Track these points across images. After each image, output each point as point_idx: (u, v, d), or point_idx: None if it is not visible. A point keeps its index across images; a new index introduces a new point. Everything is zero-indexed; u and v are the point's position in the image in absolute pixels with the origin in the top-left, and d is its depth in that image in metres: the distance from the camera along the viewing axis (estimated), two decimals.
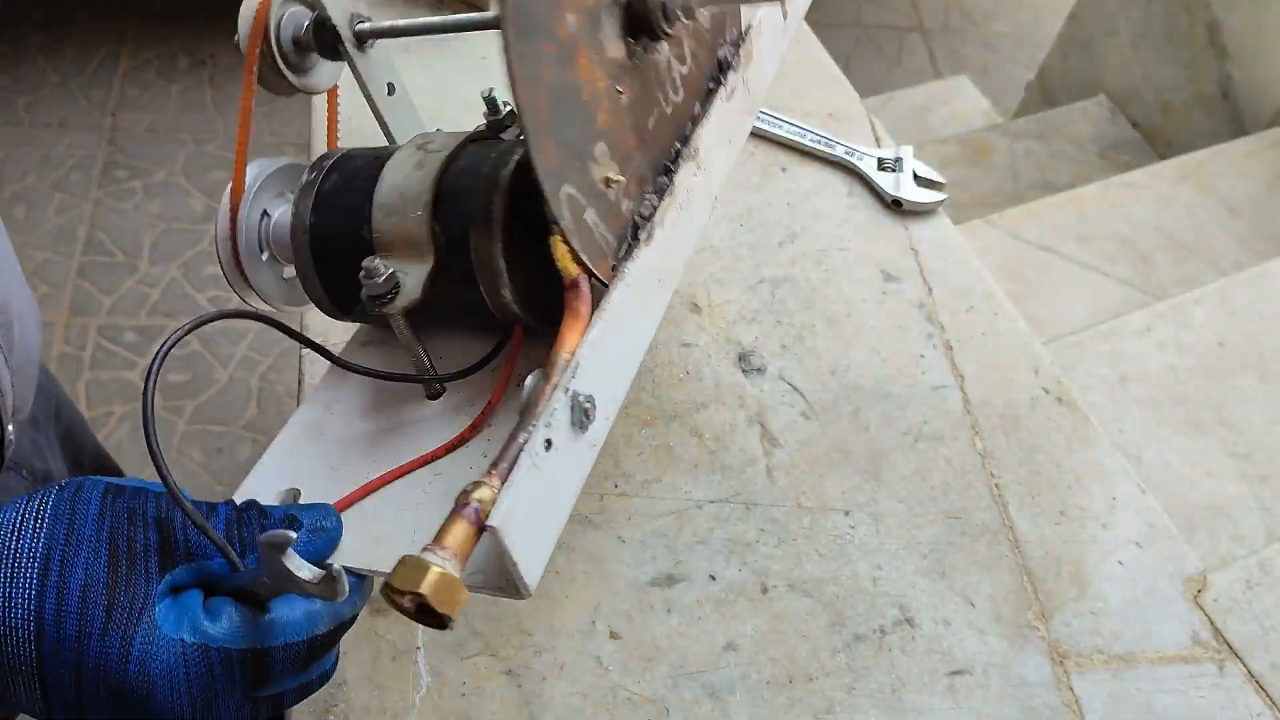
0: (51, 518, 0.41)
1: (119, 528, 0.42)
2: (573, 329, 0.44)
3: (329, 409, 0.53)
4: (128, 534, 0.42)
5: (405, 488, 0.49)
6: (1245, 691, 0.70)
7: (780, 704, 0.65)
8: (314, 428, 0.52)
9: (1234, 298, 1.39)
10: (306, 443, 0.51)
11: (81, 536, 0.41)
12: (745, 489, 0.74)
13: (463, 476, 0.48)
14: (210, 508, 0.44)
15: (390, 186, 0.48)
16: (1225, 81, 1.80)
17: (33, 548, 0.40)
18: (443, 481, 0.49)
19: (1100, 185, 1.65)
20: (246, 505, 0.45)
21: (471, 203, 0.47)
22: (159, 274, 1.97)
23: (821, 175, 0.95)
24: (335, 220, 0.50)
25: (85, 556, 0.41)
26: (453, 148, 0.49)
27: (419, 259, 0.48)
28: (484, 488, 0.39)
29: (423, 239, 0.47)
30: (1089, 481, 0.79)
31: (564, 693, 0.63)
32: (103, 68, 2.31)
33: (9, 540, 0.40)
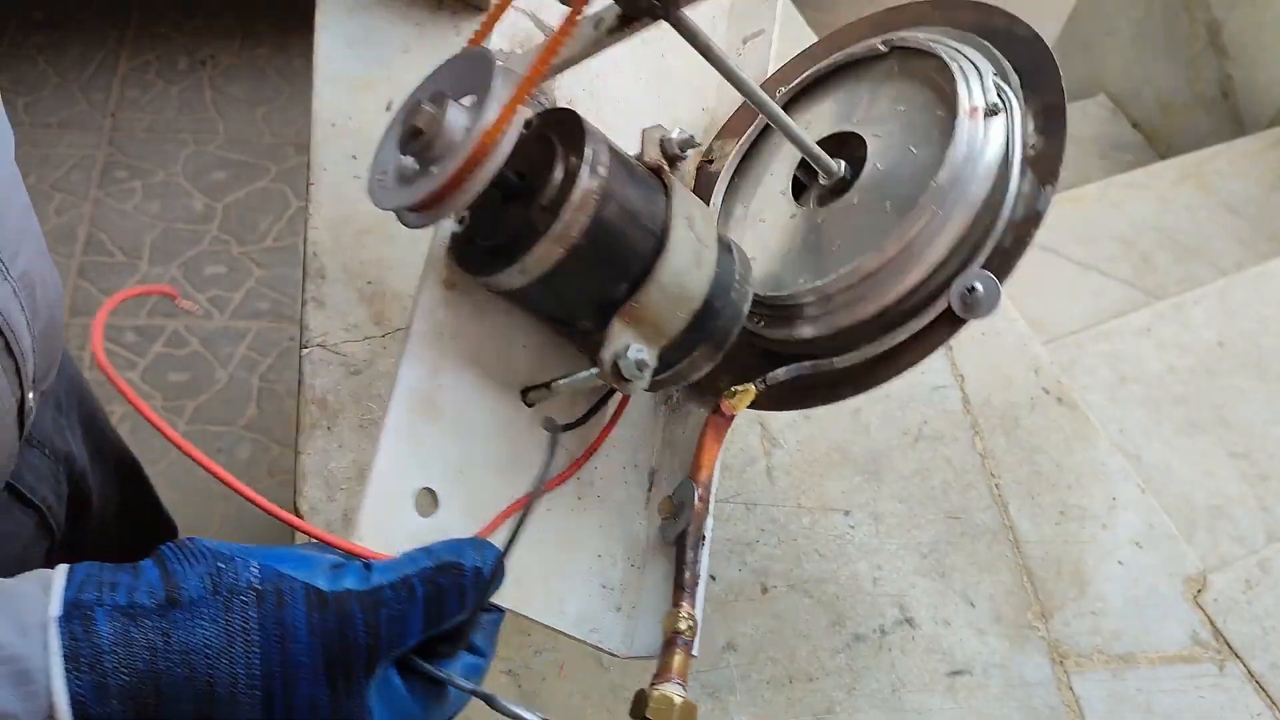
0: (261, 639, 0.39)
1: (331, 646, 0.40)
2: (713, 453, 0.54)
3: (435, 377, 0.50)
4: (340, 652, 0.40)
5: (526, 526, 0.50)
6: (1245, 691, 0.70)
7: (780, 704, 0.65)
8: (427, 402, 0.49)
9: (1234, 298, 1.39)
10: (423, 422, 0.49)
11: (298, 661, 0.40)
12: (745, 489, 0.74)
13: (565, 514, 0.54)
14: (409, 589, 0.42)
15: (673, 274, 0.49)
16: (1225, 81, 1.80)
17: (249, 673, 0.39)
18: (551, 518, 0.53)
19: (1100, 185, 1.65)
20: (439, 590, 0.43)
21: (717, 325, 0.51)
22: (159, 274, 1.97)
23: None
24: (600, 256, 0.48)
25: (305, 683, 0.40)
26: (715, 246, 0.51)
27: (652, 341, 0.49)
28: (682, 619, 0.49)
29: (671, 334, 0.50)
30: (1089, 481, 0.79)
31: (564, 693, 0.63)
32: (103, 68, 2.30)
33: (220, 662, 0.39)
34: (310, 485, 0.68)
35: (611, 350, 0.48)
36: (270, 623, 0.40)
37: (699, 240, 0.50)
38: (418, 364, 0.49)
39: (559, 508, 0.53)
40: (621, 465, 0.57)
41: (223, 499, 1.69)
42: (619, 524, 0.56)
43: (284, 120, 2.26)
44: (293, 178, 2.15)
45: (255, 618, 0.39)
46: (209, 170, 2.14)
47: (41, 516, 0.73)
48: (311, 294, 0.78)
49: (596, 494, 0.55)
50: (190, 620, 0.39)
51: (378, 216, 0.82)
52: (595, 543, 0.54)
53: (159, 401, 1.79)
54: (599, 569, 0.54)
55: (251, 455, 1.75)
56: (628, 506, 0.57)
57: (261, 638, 0.39)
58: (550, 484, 0.53)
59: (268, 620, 0.40)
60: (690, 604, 0.51)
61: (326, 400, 0.72)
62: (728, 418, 0.55)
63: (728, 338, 0.52)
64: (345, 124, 0.88)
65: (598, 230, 0.47)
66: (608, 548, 0.55)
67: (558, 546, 0.52)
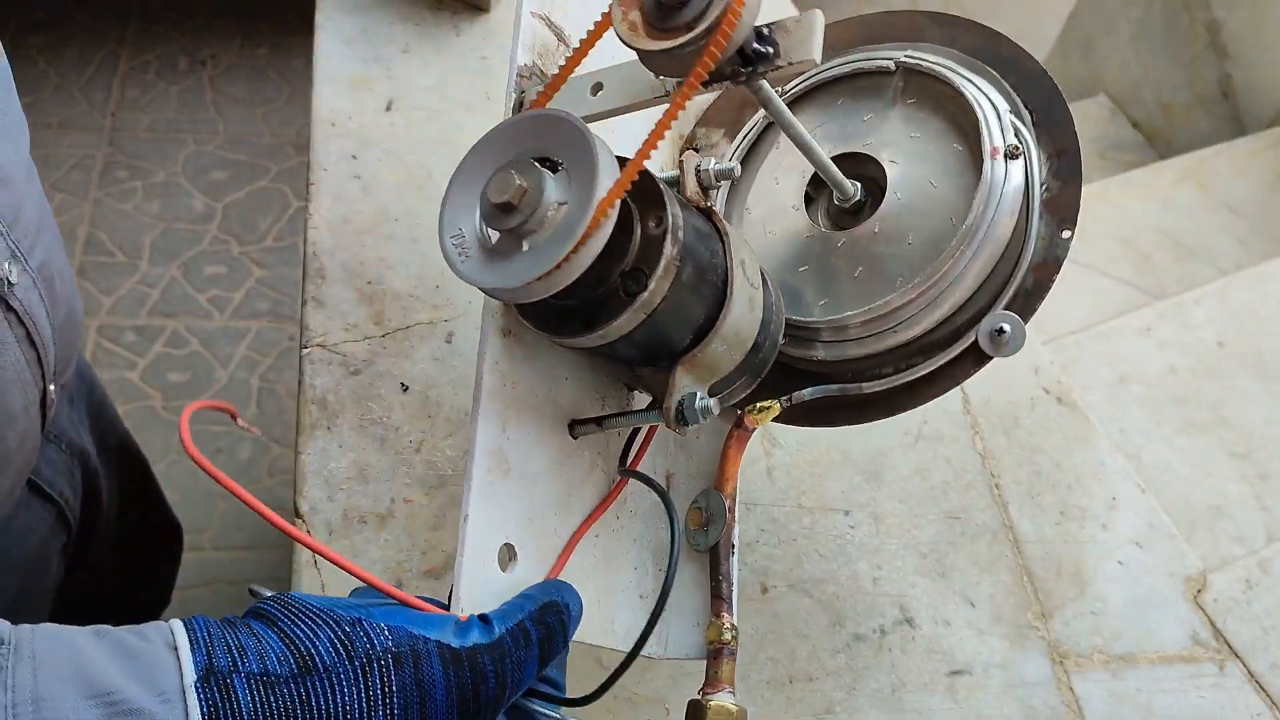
0: (401, 702, 0.40)
1: (467, 700, 0.41)
2: (735, 464, 0.56)
3: (504, 431, 0.50)
4: (475, 705, 0.41)
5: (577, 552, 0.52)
6: (1245, 691, 0.70)
7: (780, 704, 0.65)
8: (499, 459, 0.50)
9: (1234, 298, 1.39)
10: (499, 479, 0.49)
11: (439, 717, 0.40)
12: (745, 489, 0.74)
13: (609, 535, 0.55)
14: (525, 635, 0.43)
15: (733, 324, 0.50)
16: (1225, 81, 1.80)
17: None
18: (597, 543, 0.54)
19: (1100, 185, 1.65)
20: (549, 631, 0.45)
21: (759, 358, 0.53)
22: (159, 274, 1.97)
23: None
24: (674, 317, 0.48)
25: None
26: (762, 291, 0.52)
27: (704, 380, 0.51)
28: (725, 630, 0.52)
29: (724, 373, 0.52)
30: (1089, 481, 0.79)
31: None
32: (103, 68, 2.30)
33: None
34: (310, 485, 0.68)
35: (676, 399, 0.49)
36: (409, 686, 0.40)
37: (751, 284, 0.51)
38: (492, 421, 0.49)
39: (603, 532, 0.55)
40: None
41: (223, 499, 1.69)
42: (648, 534, 0.58)
43: (284, 120, 2.26)
44: (293, 178, 2.15)
45: (394, 682, 0.39)
46: (209, 170, 2.15)
47: (60, 511, 0.73)
48: (311, 294, 0.78)
49: (630, 509, 0.57)
50: (328, 688, 0.39)
51: (377, 216, 0.82)
52: (632, 556, 0.56)
53: (158, 401, 1.79)
54: (636, 580, 0.56)
55: (251, 455, 1.75)
56: (653, 515, 0.58)
57: (401, 701, 0.39)
58: (597, 512, 0.54)
59: (406, 683, 0.40)
60: (729, 613, 0.53)
61: (326, 400, 0.72)
62: (749, 430, 0.57)
63: (766, 368, 0.54)
64: (345, 124, 0.88)
65: (676, 294, 0.47)
66: (641, 559, 0.57)
67: (604, 569, 0.54)
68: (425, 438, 0.71)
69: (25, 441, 0.60)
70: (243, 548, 1.64)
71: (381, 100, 0.90)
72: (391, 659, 0.40)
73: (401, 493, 0.68)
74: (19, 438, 0.59)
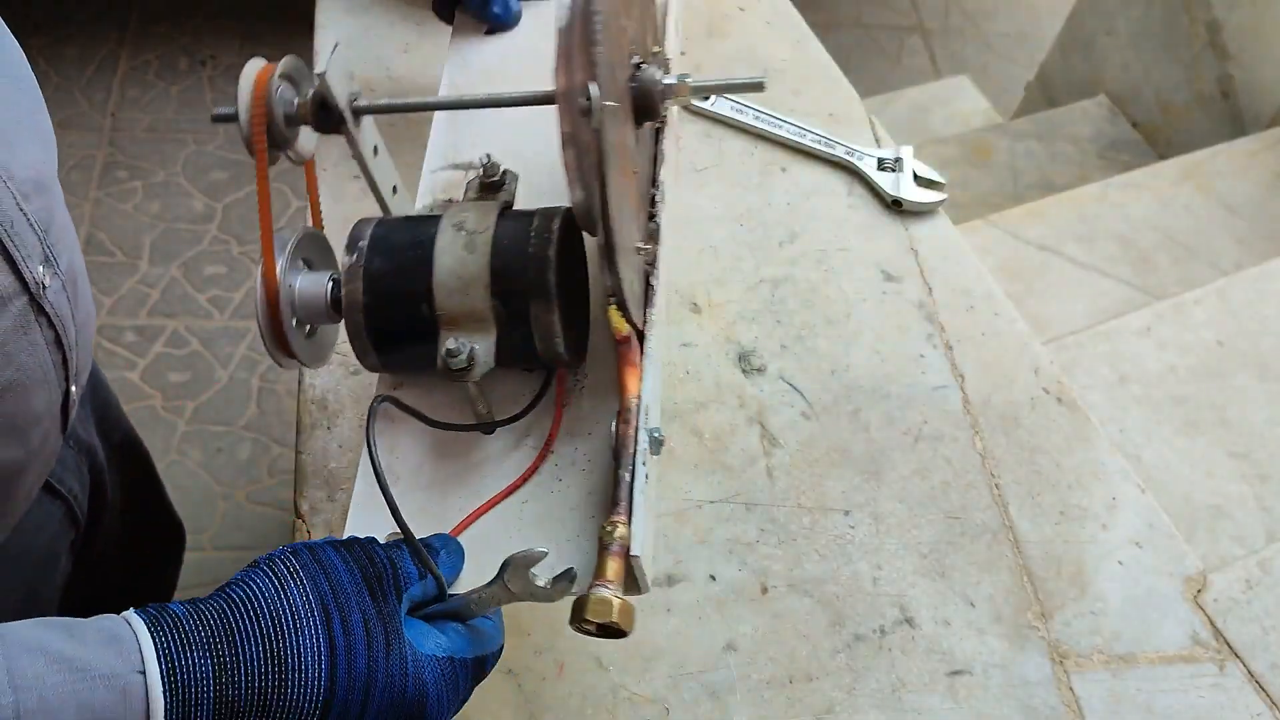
0: (308, 574, 0.48)
1: (367, 571, 0.49)
2: (632, 376, 0.57)
3: (392, 454, 0.60)
4: (375, 575, 0.49)
5: (499, 517, 0.58)
6: (1245, 691, 0.70)
7: (780, 704, 0.65)
8: (386, 474, 0.56)
9: (1234, 298, 1.39)
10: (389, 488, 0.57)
11: (343, 583, 0.48)
12: (745, 489, 0.74)
13: (545, 500, 0.58)
14: (397, 546, 0.52)
15: (447, 270, 0.55)
16: (1225, 81, 1.80)
17: (305, 601, 0.47)
18: (531, 507, 0.58)
19: (1100, 185, 1.65)
20: (422, 544, 0.52)
21: (528, 279, 0.55)
22: (159, 274, 1.97)
23: (821, 175, 0.95)
24: (389, 300, 0.56)
25: (355, 596, 0.48)
26: (491, 227, 0.57)
27: (483, 331, 0.56)
28: (619, 527, 0.52)
29: (486, 314, 0.56)
30: (1089, 481, 0.79)
31: (564, 693, 0.63)
32: (103, 68, 2.30)
33: (278, 600, 0.46)
34: (310, 485, 0.68)
35: (439, 355, 0.55)
36: (310, 564, 0.48)
37: (469, 233, 0.56)
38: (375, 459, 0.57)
39: (536, 497, 0.59)
40: (605, 438, 0.61)
41: (222, 499, 1.69)
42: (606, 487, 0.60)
43: None
44: (293, 178, 2.14)
45: (296, 564, 0.48)
46: (209, 170, 2.15)
47: (69, 507, 0.74)
48: None
49: (579, 469, 0.60)
50: (243, 581, 0.47)
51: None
52: (584, 509, 0.58)
53: (158, 401, 1.79)
54: (593, 528, 0.57)
55: (251, 455, 1.75)
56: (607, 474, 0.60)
57: (307, 574, 0.47)
58: (522, 479, 0.59)
59: (307, 563, 0.48)
60: (625, 512, 0.54)
61: (326, 400, 0.72)
62: (622, 340, 0.59)
63: (547, 285, 0.56)
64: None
65: (371, 282, 0.56)
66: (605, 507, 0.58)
67: (538, 528, 0.57)
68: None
69: (47, 442, 0.61)
70: (243, 548, 1.64)
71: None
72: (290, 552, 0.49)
73: None
74: (42, 438, 0.60)
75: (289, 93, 0.58)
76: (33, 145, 0.56)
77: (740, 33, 1.06)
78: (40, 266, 0.55)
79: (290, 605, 0.46)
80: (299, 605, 0.46)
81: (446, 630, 0.52)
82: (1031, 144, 1.87)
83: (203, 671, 0.44)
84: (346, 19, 0.96)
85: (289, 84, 0.58)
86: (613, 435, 0.56)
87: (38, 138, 0.57)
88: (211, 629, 0.45)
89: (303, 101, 0.59)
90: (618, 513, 0.54)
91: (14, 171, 0.52)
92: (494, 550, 0.55)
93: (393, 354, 0.59)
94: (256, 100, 0.56)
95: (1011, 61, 2.68)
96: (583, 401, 0.62)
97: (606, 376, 0.62)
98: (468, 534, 0.57)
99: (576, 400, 0.62)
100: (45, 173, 0.57)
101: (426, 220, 0.59)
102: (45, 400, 0.59)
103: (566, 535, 0.57)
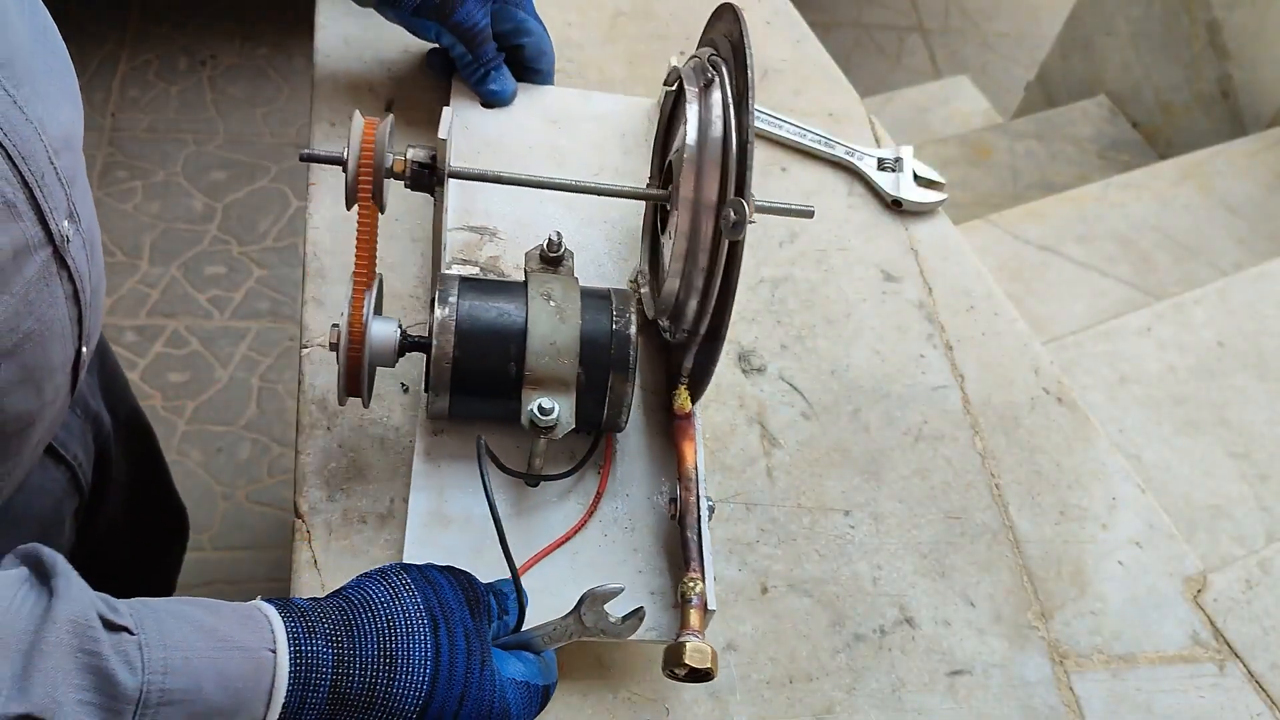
0: (419, 587, 0.53)
1: (468, 593, 0.54)
2: (690, 449, 0.66)
3: (440, 496, 0.65)
4: (474, 598, 0.54)
5: (554, 564, 0.64)
6: (1245, 691, 0.70)
7: (780, 704, 0.65)
8: (436, 517, 0.64)
9: (1234, 298, 1.39)
10: (439, 531, 0.64)
11: (449, 599, 0.53)
12: (745, 489, 0.74)
13: (594, 552, 0.65)
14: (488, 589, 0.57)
15: (540, 337, 0.62)
16: (1225, 81, 1.80)
17: (416, 608, 0.52)
18: (582, 557, 0.65)
19: (1100, 185, 1.65)
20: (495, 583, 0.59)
21: (612, 353, 0.63)
22: (159, 274, 1.97)
23: (821, 175, 0.95)
24: (481, 356, 0.62)
25: (459, 612, 0.53)
26: (577, 302, 0.64)
27: (564, 394, 0.62)
28: (696, 583, 0.60)
29: (570, 379, 0.63)
30: (1089, 481, 0.79)
31: (564, 693, 0.63)
32: (103, 68, 2.30)
33: (393, 605, 0.51)
34: (310, 485, 0.68)
35: (525, 412, 0.61)
36: (419, 579, 0.53)
37: (559, 304, 0.63)
38: (425, 494, 0.65)
39: (586, 548, 0.65)
40: (646, 497, 0.68)
41: (222, 498, 1.69)
42: (655, 544, 0.66)
43: (284, 120, 2.26)
44: (293, 178, 2.15)
45: (408, 578, 0.53)
46: (209, 170, 2.14)
47: (73, 474, 0.75)
48: (311, 294, 0.78)
49: (622, 527, 0.66)
50: (359, 587, 0.52)
51: None
52: (632, 564, 0.65)
53: (158, 401, 1.79)
54: (644, 581, 0.64)
55: (251, 455, 1.75)
56: (661, 529, 0.67)
57: (418, 587, 0.53)
58: (575, 529, 0.66)
59: (417, 578, 0.53)
60: (698, 571, 0.61)
61: (326, 400, 0.72)
62: (684, 417, 0.67)
63: (628, 360, 0.64)
64: (345, 124, 0.88)
65: (462, 338, 0.62)
66: (650, 564, 0.65)
67: (591, 577, 0.62)
68: None
69: (57, 398, 0.63)
70: (243, 548, 1.64)
71: (382, 100, 0.90)
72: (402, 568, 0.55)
73: (401, 493, 0.68)
74: (54, 392, 0.62)
75: (387, 148, 0.64)
76: (65, 104, 0.58)
77: None
78: (65, 221, 0.57)
79: (404, 611, 0.51)
80: (411, 612, 0.51)
81: (523, 659, 0.56)
82: (1031, 144, 1.87)
83: (324, 659, 0.48)
84: (346, 19, 0.95)
85: (404, 150, 0.65)
86: (677, 501, 0.64)
87: (69, 98, 0.59)
88: (334, 623, 0.50)
89: (400, 158, 0.64)
90: (692, 570, 0.61)
91: (48, 127, 0.54)
92: (552, 595, 0.61)
93: (465, 403, 0.64)
94: (365, 152, 0.61)
95: (1011, 61, 2.68)
96: (620, 464, 0.69)
97: (640, 443, 0.70)
98: (526, 579, 0.61)
99: (613, 463, 0.69)
100: (74, 132, 0.59)
101: (510, 285, 0.65)
102: (61, 355, 0.60)
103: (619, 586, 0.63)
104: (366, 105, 0.89)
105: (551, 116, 0.89)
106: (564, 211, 0.82)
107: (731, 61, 0.66)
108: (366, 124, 0.62)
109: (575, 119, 0.90)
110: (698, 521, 0.63)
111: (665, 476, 0.69)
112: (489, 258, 0.78)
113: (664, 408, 0.72)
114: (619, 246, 0.82)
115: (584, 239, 0.81)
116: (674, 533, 0.66)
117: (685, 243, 0.63)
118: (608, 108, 0.91)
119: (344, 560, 0.65)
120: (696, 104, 0.65)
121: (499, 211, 0.81)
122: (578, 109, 0.90)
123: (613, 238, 0.82)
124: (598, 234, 0.82)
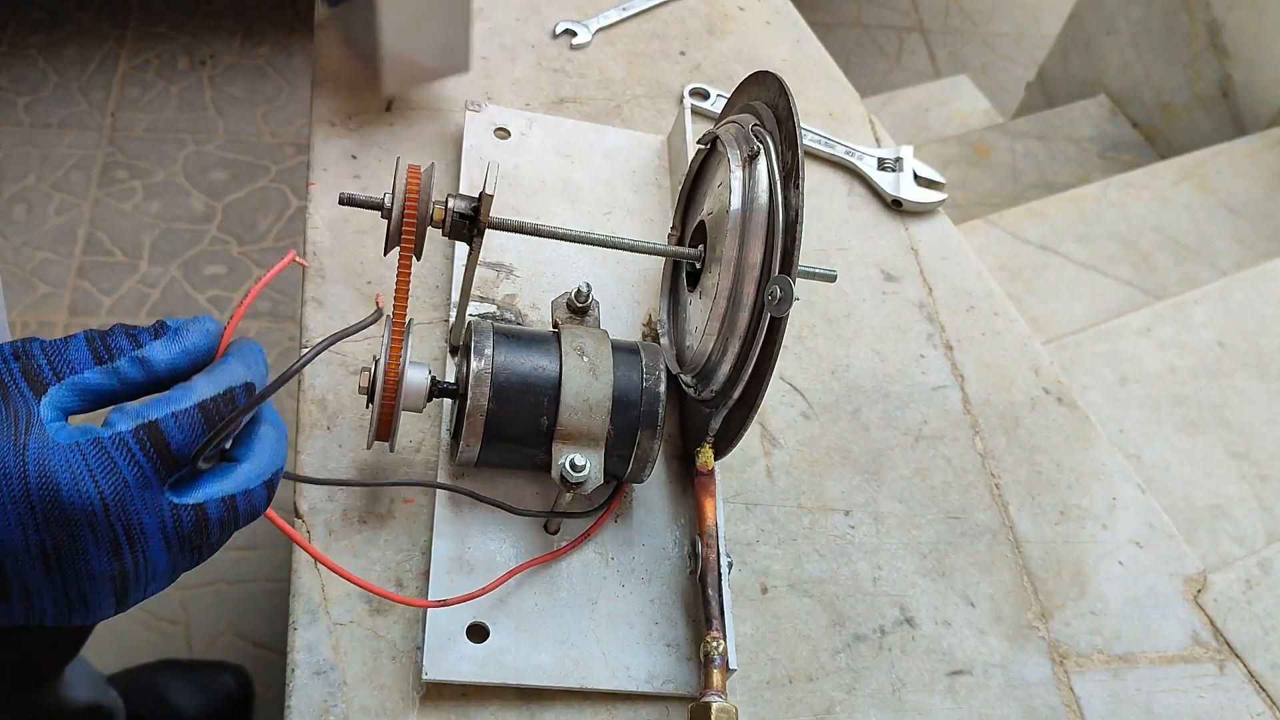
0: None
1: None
2: (710, 506, 0.66)
3: (463, 543, 0.65)
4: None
5: (574, 614, 0.64)
6: (1245, 691, 0.70)
7: (780, 704, 0.65)
8: (459, 563, 0.65)
9: (1234, 298, 1.39)
10: (462, 577, 0.64)
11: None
12: (745, 489, 0.74)
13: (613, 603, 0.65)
14: (66, 339, 0.45)
15: (574, 393, 0.63)
16: (1225, 81, 1.80)
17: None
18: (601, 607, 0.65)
19: (1100, 185, 1.65)
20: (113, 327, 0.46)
21: (642, 410, 0.64)
22: (159, 274, 1.97)
23: (821, 175, 0.95)
24: (515, 409, 0.63)
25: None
26: (609, 358, 0.65)
27: (593, 448, 0.63)
28: (719, 642, 0.60)
29: (600, 434, 0.63)
30: (1089, 481, 0.79)
31: (564, 692, 0.63)
32: (103, 68, 2.30)
33: None
34: (310, 485, 0.68)
35: (555, 466, 0.62)
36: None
37: (592, 360, 0.64)
38: (449, 540, 0.65)
39: (604, 598, 0.65)
40: (661, 547, 0.68)
41: None
42: (671, 595, 0.66)
43: (284, 120, 2.25)
44: (293, 178, 2.15)
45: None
46: (209, 170, 2.14)
47: None
48: (311, 294, 0.78)
49: (639, 578, 0.67)
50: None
51: (377, 217, 0.82)
52: (649, 614, 0.65)
53: None
54: (660, 633, 0.65)
55: None
56: (676, 580, 0.67)
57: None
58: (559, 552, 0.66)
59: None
60: (720, 630, 0.61)
61: (326, 400, 0.72)
62: (706, 474, 0.66)
63: (656, 417, 0.64)
64: (345, 124, 0.88)
65: (498, 391, 0.62)
66: (666, 615, 0.65)
67: (609, 627, 0.64)
68: (425, 438, 0.71)
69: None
70: (243, 548, 1.64)
71: (381, 100, 0.90)
72: None
73: (401, 493, 0.68)
74: None
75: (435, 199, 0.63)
76: None
77: (740, 32, 1.06)
78: None
79: None
80: None
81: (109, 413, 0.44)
82: (1031, 144, 1.87)
83: None
84: None
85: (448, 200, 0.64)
86: (697, 558, 0.64)
87: None
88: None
89: (440, 206, 0.63)
90: (714, 630, 0.61)
91: None
92: (572, 645, 0.62)
93: (494, 452, 0.64)
94: (410, 201, 0.60)
95: (1011, 61, 2.68)
96: (634, 513, 0.69)
97: (657, 492, 0.71)
98: (544, 624, 0.63)
99: (628, 511, 0.69)
100: None
101: (542, 338, 0.66)
102: None
103: (637, 638, 0.64)
104: (366, 105, 0.89)
105: (564, 150, 0.89)
106: (579, 251, 0.82)
107: (778, 134, 0.65)
108: (410, 170, 0.61)
109: (586, 153, 0.90)
110: (719, 580, 0.63)
111: (679, 525, 0.70)
112: (505, 296, 0.78)
113: (678, 456, 0.72)
114: (631, 289, 0.82)
115: (598, 279, 0.81)
116: (689, 584, 0.66)
117: (725, 304, 0.63)
118: (618, 143, 0.92)
119: (344, 560, 0.65)
120: (741, 172, 0.64)
121: (515, 249, 0.81)
122: (589, 142, 0.91)
123: (625, 279, 0.82)
124: (611, 275, 0.82)
